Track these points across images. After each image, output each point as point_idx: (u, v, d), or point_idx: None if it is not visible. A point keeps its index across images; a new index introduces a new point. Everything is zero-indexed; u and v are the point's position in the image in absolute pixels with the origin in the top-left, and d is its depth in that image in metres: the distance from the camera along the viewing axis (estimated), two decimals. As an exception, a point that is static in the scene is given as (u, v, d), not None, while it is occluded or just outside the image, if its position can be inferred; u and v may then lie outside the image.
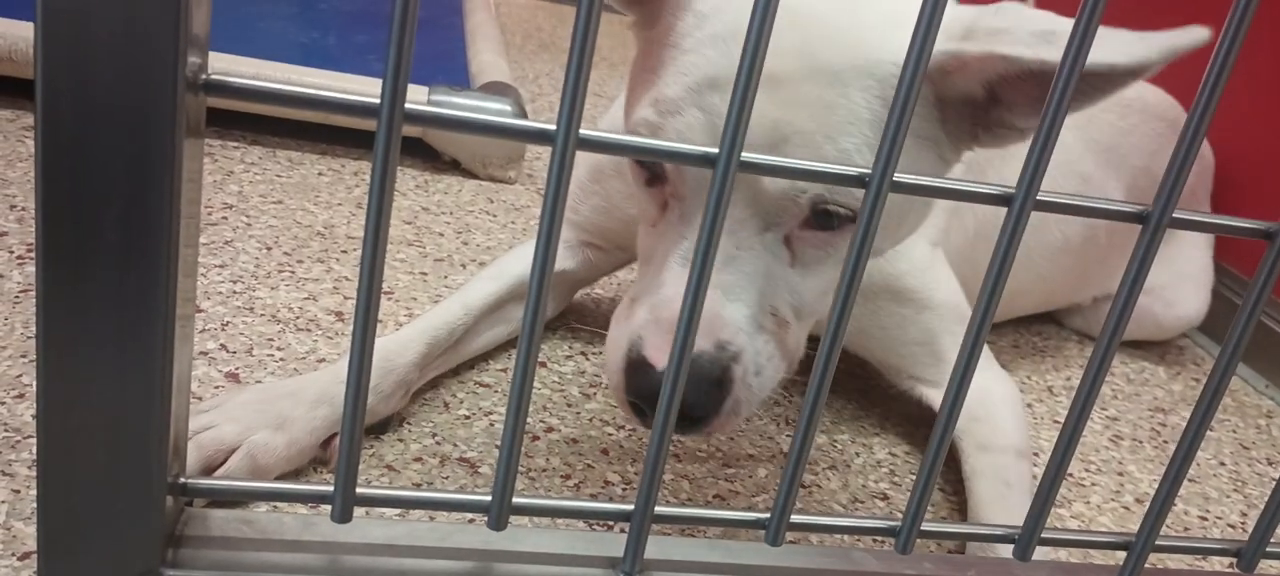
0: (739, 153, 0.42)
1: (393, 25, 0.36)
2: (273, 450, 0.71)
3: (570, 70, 0.39)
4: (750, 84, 0.40)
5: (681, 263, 0.61)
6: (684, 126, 0.59)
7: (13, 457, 0.67)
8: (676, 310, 0.58)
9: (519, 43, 2.21)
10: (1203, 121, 0.45)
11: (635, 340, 0.61)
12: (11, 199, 1.03)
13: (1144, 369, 1.29)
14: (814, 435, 0.48)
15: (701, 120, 0.59)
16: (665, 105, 0.60)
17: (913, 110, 0.42)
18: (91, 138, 0.37)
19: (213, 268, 0.99)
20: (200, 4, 0.37)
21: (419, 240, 1.17)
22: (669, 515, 0.51)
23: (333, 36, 1.64)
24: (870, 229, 0.44)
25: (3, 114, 1.24)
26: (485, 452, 0.80)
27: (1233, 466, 1.07)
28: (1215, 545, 0.60)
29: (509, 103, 1.37)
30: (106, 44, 0.35)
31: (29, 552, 0.60)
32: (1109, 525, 0.90)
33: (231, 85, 0.39)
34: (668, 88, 0.61)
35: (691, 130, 0.59)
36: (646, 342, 0.60)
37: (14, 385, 0.75)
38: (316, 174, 1.29)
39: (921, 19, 0.41)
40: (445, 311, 0.88)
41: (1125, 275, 0.48)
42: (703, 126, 0.59)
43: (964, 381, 0.49)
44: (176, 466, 0.46)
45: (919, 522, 0.52)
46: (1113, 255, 1.25)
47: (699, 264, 0.44)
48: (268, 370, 0.85)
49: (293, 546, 0.50)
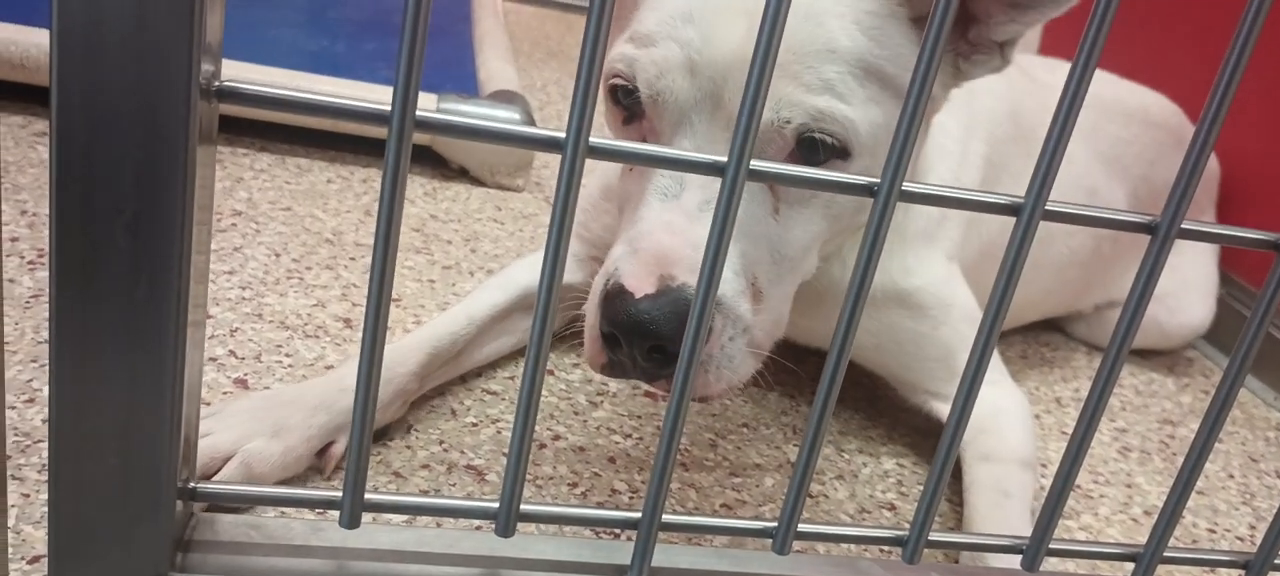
0: (748, 160, 0.42)
1: (403, 33, 0.37)
2: (268, 458, 0.71)
3: (579, 78, 0.39)
4: (761, 88, 0.41)
5: (660, 197, 0.61)
6: (660, 56, 0.61)
7: (23, 462, 0.68)
8: (657, 241, 0.59)
9: (527, 50, 2.22)
10: (1212, 131, 0.45)
11: (612, 271, 0.60)
12: (23, 204, 1.04)
13: (1152, 380, 1.29)
14: (821, 445, 0.48)
15: (677, 51, 0.61)
16: (641, 38, 0.62)
17: (923, 113, 0.42)
18: (105, 144, 0.37)
19: (222, 274, 1.00)
20: (213, 11, 0.38)
21: (427, 248, 1.17)
22: (676, 523, 0.51)
23: (342, 44, 1.64)
24: (878, 239, 0.44)
25: (14, 120, 1.25)
26: (492, 460, 0.80)
27: (1241, 479, 1.07)
28: (1223, 557, 0.60)
29: (517, 110, 1.37)
30: (120, 50, 0.36)
31: (39, 556, 0.60)
32: (1117, 537, 0.90)
33: (244, 92, 0.39)
34: (643, 22, 0.63)
35: (667, 61, 0.61)
36: (623, 271, 0.59)
37: (24, 389, 0.75)
38: (325, 181, 1.30)
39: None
40: (449, 321, 0.88)
41: (1134, 285, 0.48)
42: (678, 57, 0.61)
43: (971, 392, 0.49)
44: (186, 471, 0.46)
45: (926, 532, 0.52)
46: (1116, 263, 1.25)
47: (714, 247, 0.44)
48: (276, 376, 0.85)
49: (301, 551, 0.50)
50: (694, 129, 0.61)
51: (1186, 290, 1.31)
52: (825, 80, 0.60)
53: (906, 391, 0.94)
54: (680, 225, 0.60)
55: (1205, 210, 1.37)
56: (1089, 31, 0.42)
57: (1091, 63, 0.42)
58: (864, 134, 0.62)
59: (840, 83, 0.60)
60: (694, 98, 0.61)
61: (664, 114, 0.62)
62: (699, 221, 0.60)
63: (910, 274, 0.87)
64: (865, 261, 0.45)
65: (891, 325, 0.89)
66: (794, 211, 0.64)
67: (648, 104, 0.62)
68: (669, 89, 0.61)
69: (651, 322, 0.57)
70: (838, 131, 0.61)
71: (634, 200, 0.63)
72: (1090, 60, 0.42)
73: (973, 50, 0.66)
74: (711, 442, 0.90)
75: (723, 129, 0.61)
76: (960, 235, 0.92)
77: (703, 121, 0.61)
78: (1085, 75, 0.42)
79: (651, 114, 0.63)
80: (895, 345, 0.91)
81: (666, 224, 0.60)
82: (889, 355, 0.92)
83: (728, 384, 0.62)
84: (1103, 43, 0.42)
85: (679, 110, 0.61)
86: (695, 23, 0.61)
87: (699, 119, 0.61)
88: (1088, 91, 0.43)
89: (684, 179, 0.61)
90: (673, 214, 0.60)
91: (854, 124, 0.61)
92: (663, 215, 0.60)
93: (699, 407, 0.94)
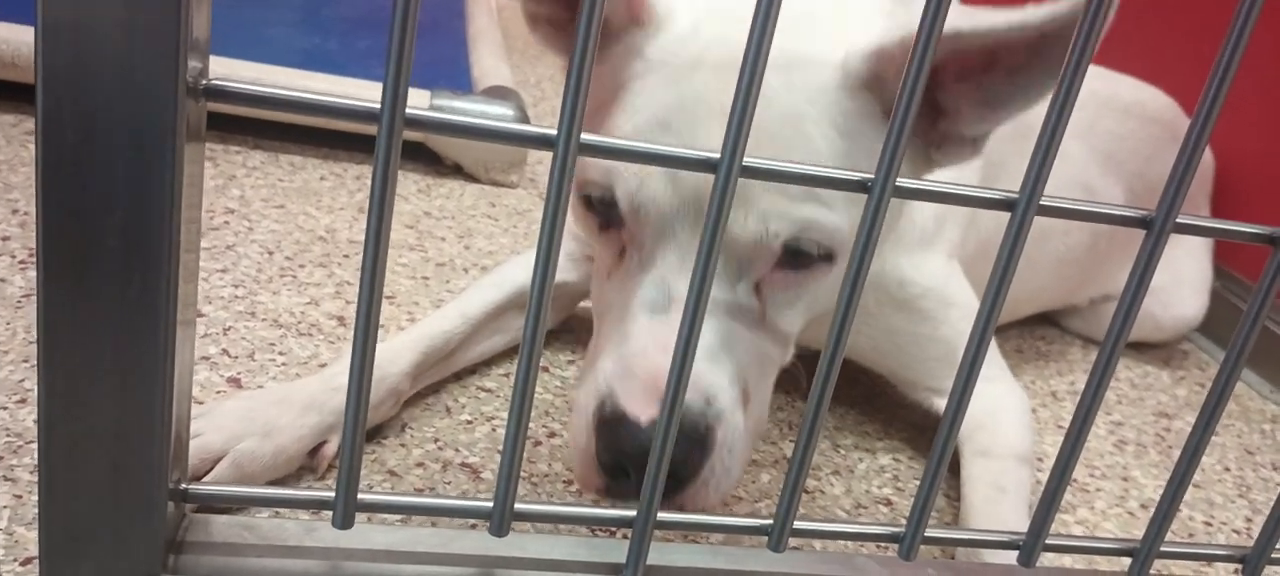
0: (741, 157, 0.42)
1: (393, 30, 0.36)
2: (259, 458, 0.70)
3: (572, 75, 0.39)
4: (750, 95, 0.40)
5: (648, 312, 0.59)
6: (640, 168, 0.58)
7: (15, 462, 0.67)
8: (652, 362, 0.56)
9: (521, 47, 2.21)
10: (1206, 126, 0.45)
11: (607, 394, 0.57)
12: (14, 203, 1.03)
13: (1148, 374, 1.29)
14: (817, 441, 0.48)
15: None
16: None
17: (912, 118, 0.42)
18: (92, 143, 0.37)
19: (214, 272, 0.99)
20: (201, 8, 0.37)
21: (421, 244, 1.17)
22: (671, 521, 0.50)
23: (334, 41, 1.64)
24: (872, 237, 0.44)
25: (5, 118, 1.24)
26: (487, 458, 0.80)
27: (1238, 472, 1.07)
28: (1220, 551, 0.60)
29: (511, 107, 1.37)
30: (107, 49, 0.35)
31: (31, 558, 0.60)
32: (1113, 531, 0.90)
33: (232, 90, 0.39)
34: (618, 129, 0.61)
35: (648, 171, 0.58)
36: (620, 395, 0.56)
37: (16, 390, 0.75)
38: (318, 178, 1.29)
39: (923, 27, 0.40)
40: (443, 320, 0.87)
41: (1129, 279, 0.48)
42: (659, 168, 0.58)
43: (967, 387, 0.49)
44: (178, 472, 0.46)
45: (922, 528, 0.52)
46: (1111, 259, 1.25)
47: (696, 289, 0.44)
48: (269, 375, 0.85)
49: (294, 552, 0.49)
50: (678, 239, 0.59)
51: (1180, 285, 1.31)
52: (808, 188, 0.58)
53: (907, 388, 0.94)
54: (674, 343, 0.58)
55: (1200, 205, 1.37)
56: (1082, 26, 0.42)
57: (1085, 58, 0.42)
58: (849, 237, 0.61)
59: (823, 189, 0.59)
60: (676, 207, 0.59)
61: (646, 224, 0.60)
62: (693, 337, 0.59)
63: (908, 280, 0.86)
64: (859, 257, 0.44)
65: (891, 328, 0.89)
66: (779, 313, 0.63)
67: (628, 215, 0.60)
68: (651, 200, 0.58)
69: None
70: (824, 238, 0.60)
71: (617, 311, 0.61)
72: (1084, 55, 0.42)
73: (944, 141, 0.64)
74: (707, 439, 0.90)
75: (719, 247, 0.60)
76: (959, 235, 0.92)
77: (686, 231, 0.59)
78: (1079, 70, 0.42)
79: (632, 224, 0.61)
80: (896, 347, 0.91)
81: (660, 343, 0.57)
82: (889, 356, 0.92)
83: (722, 495, 0.60)
84: (1098, 38, 0.42)
85: (661, 221, 0.59)
86: (673, 131, 0.59)
87: (682, 228, 0.59)
88: (1083, 87, 0.43)
89: (670, 291, 0.59)
90: (664, 331, 0.57)
91: (840, 229, 0.60)
92: (654, 331, 0.58)
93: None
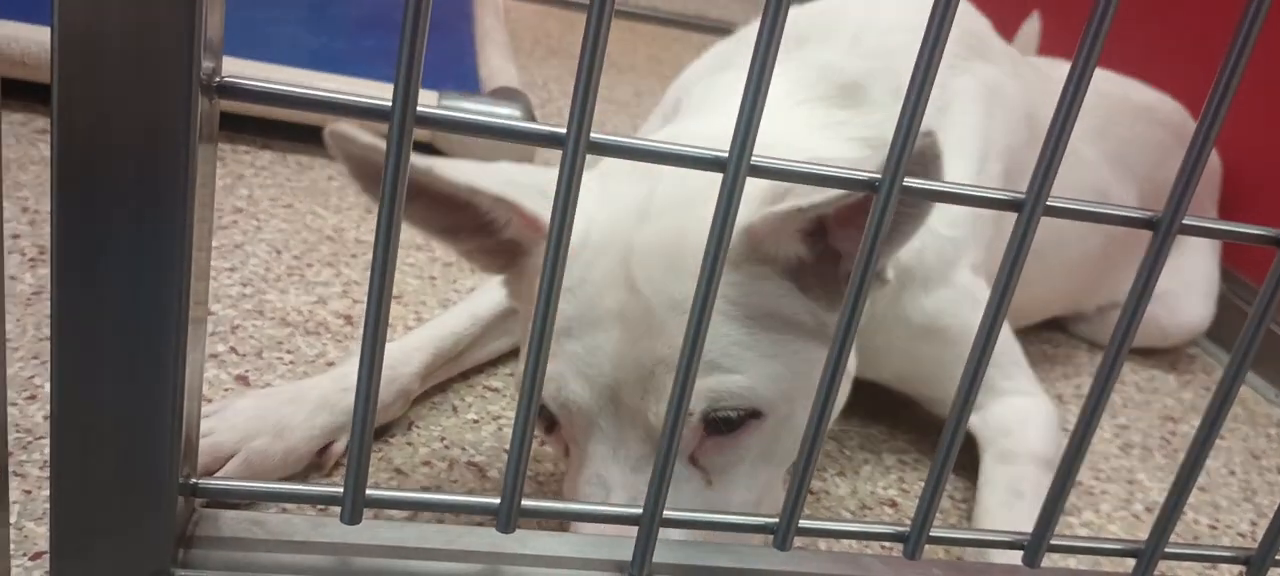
0: (749, 157, 0.42)
1: (404, 29, 0.37)
2: (270, 458, 0.71)
3: (580, 75, 0.39)
4: (756, 99, 0.41)
5: (595, 485, 0.61)
6: (555, 372, 0.61)
7: (25, 458, 0.68)
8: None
9: (528, 48, 2.22)
10: (1212, 128, 0.45)
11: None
12: (24, 201, 1.04)
13: (1154, 377, 1.29)
14: (822, 441, 0.48)
15: (569, 366, 0.61)
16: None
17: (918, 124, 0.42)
18: (106, 141, 0.37)
19: (222, 271, 1.00)
20: (214, 8, 0.38)
21: (428, 244, 1.17)
22: (677, 519, 0.51)
23: (342, 41, 1.64)
24: (876, 243, 0.44)
25: (15, 117, 1.25)
26: (494, 456, 0.81)
27: (1243, 475, 1.07)
28: (1225, 553, 0.60)
29: (519, 108, 1.37)
30: (121, 48, 0.36)
31: (41, 552, 0.60)
32: (1118, 533, 0.90)
33: (245, 88, 0.39)
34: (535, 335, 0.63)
35: (562, 376, 0.61)
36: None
37: (26, 386, 0.75)
38: (326, 178, 1.30)
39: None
40: (453, 321, 0.87)
41: (1135, 281, 0.48)
42: (572, 370, 0.61)
43: (972, 388, 0.49)
44: (188, 467, 0.46)
45: (928, 528, 0.52)
46: (1120, 265, 1.25)
47: (699, 306, 0.44)
48: (277, 373, 0.85)
49: (302, 547, 0.50)
50: (603, 431, 0.62)
51: (1187, 291, 1.31)
52: (710, 361, 0.59)
53: (937, 409, 0.93)
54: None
55: (1207, 208, 1.37)
56: (1089, 29, 0.42)
57: (1092, 61, 0.42)
58: (768, 392, 0.61)
59: (725, 358, 0.60)
60: (597, 404, 0.61)
61: (574, 421, 0.63)
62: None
63: (930, 311, 0.85)
64: (866, 257, 0.45)
65: (917, 356, 0.88)
66: (728, 477, 0.64)
67: (560, 416, 0.63)
68: (571, 399, 0.62)
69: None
70: (740, 403, 0.61)
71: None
72: (1090, 58, 0.42)
73: (848, 279, 0.64)
74: (713, 439, 0.90)
75: (630, 426, 0.61)
76: (983, 252, 0.90)
77: (609, 422, 0.62)
78: (1085, 73, 0.42)
79: (564, 422, 0.64)
80: (924, 374, 0.90)
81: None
82: (919, 383, 0.92)
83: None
84: (1103, 40, 0.42)
85: (586, 417, 0.62)
86: (573, 336, 0.61)
87: (605, 421, 0.62)
88: (1094, 89, 0.43)
89: (608, 484, 0.61)
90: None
91: (754, 390, 0.61)
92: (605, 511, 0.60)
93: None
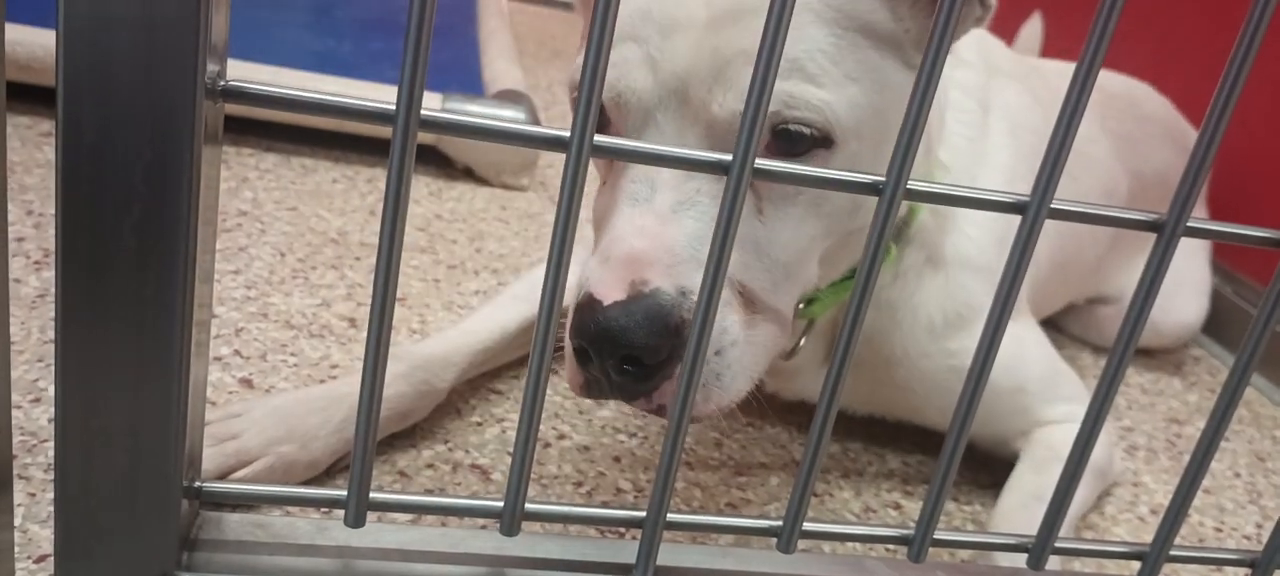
0: (753, 158, 0.42)
1: (408, 33, 0.37)
2: (294, 466, 0.71)
3: (584, 77, 0.39)
4: (767, 83, 0.41)
5: (630, 203, 0.57)
6: (618, 57, 0.58)
7: (29, 461, 0.68)
8: (627, 246, 0.55)
9: (532, 50, 2.22)
10: (1218, 129, 0.45)
11: (583, 281, 0.56)
12: (29, 204, 1.04)
13: (1159, 379, 1.28)
14: (826, 443, 0.48)
15: (635, 50, 0.58)
16: None
17: (932, 94, 0.42)
18: (111, 144, 0.37)
19: (227, 274, 1.00)
20: (219, 11, 0.38)
21: (432, 247, 1.18)
22: (681, 522, 0.51)
23: (348, 44, 1.64)
24: (882, 239, 0.44)
25: (21, 120, 1.25)
26: (497, 459, 0.81)
27: (1248, 477, 1.06)
28: (1230, 556, 0.60)
29: (522, 110, 1.37)
30: (127, 51, 0.36)
31: (45, 555, 0.60)
32: (1124, 536, 0.90)
33: (249, 91, 0.39)
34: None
35: (626, 60, 0.58)
36: (593, 281, 0.55)
37: (30, 389, 0.75)
38: (330, 181, 1.30)
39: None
40: (485, 334, 0.87)
41: (1140, 283, 0.48)
42: (637, 55, 0.58)
43: (977, 390, 0.49)
44: (192, 471, 0.46)
45: (932, 531, 0.52)
46: (1108, 259, 1.24)
47: (723, 229, 0.44)
48: (281, 376, 0.85)
49: (306, 550, 0.50)
50: (660, 128, 0.58)
51: (1180, 290, 1.30)
52: (792, 60, 0.56)
53: (991, 447, 0.90)
54: (652, 228, 0.56)
55: (1197, 206, 1.36)
56: (1094, 33, 0.42)
57: (1096, 64, 0.42)
58: (845, 117, 0.58)
59: (810, 62, 0.56)
60: (658, 95, 0.58)
61: (628, 115, 0.59)
62: (672, 223, 0.56)
63: (966, 336, 0.82)
64: (870, 260, 0.45)
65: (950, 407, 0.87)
66: (780, 210, 0.60)
67: (611, 108, 0.59)
68: (630, 88, 0.58)
69: (621, 332, 0.53)
70: (814, 118, 0.57)
71: (608, 212, 0.60)
72: (1094, 61, 0.42)
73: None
74: (716, 441, 0.90)
75: (691, 124, 0.57)
76: (1029, 291, 0.89)
77: (669, 120, 0.58)
78: (1090, 76, 0.42)
79: (615, 117, 0.59)
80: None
81: (638, 228, 0.56)
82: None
83: (717, 404, 0.57)
84: (1106, 45, 0.42)
85: (643, 110, 0.58)
86: (653, 19, 0.57)
87: (665, 117, 0.58)
88: (1098, 88, 0.43)
89: (655, 182, 0.57)
90: (644, 217, 0.56)
91: (831, 106, 0.57)
92: (634, 220, 0.56)
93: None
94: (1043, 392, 0.87)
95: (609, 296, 0.54)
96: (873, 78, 0.60)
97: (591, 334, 0.53)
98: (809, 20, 0.57)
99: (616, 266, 0.55)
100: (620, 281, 0.54)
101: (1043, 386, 0.87)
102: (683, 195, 0.56)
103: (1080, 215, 0.48)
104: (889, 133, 0.60)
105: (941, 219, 0.81)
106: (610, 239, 0.57)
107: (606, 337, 0.53)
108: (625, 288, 0.54)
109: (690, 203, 0.56)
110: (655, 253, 0.55)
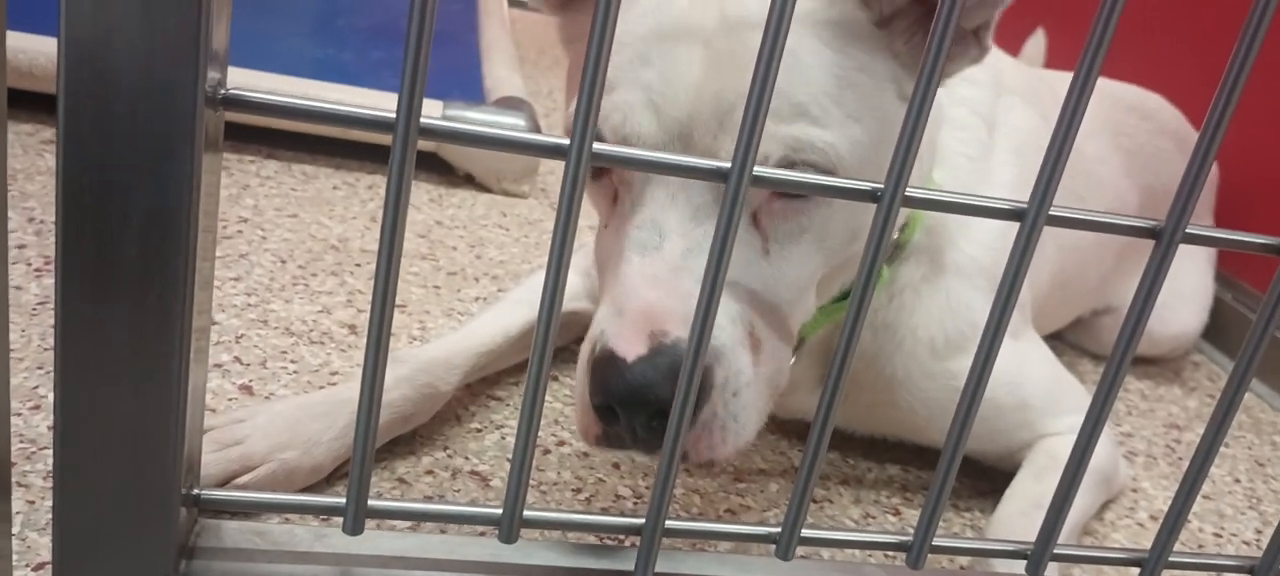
0: (752, 166, 0.42)
1: (408, 40, 0.37)
2: (298, 472, 0.71)
3: (584, 85, 0.39)
4: (762, 106, 0.41)
5: (639, 251, 0.57)
6: (621, 101, 0.58)
7: (28, 468, 0.68)
8: (642, 298, 0.54)
9: (533, 58, 2.22)
10: (1216, 136, 0.45)
11: (598, 336, 0.55)
12: (30, 211, 1.04)
13: (1158, 385, 1.28)
14: (825, 450, 0.48)
15: (638, 95, 0.58)
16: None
17: (927, 112, 0.42)
18: (112, 151, 0.37)
19: (227, 280, 1.00)
20: (220, 20, 0.38)
21: (432, 254, 1.18)
22: (680, 529, 0.51)
23: (349, 52, 1.65)
24: (882, 244, 0.44)
25: (22, 128, 1.25)
26: (496, 466, 0.81)
27: (1248, 483, 1.06)
28: (1229, 562, 0.60)
29: (523, 117, 1.38)
30: (127, 59, 0.36)
31: (43, 563, 0.60)
32: (1123, 542, 0.90)
33: (250, 100, 0.39)
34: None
35: (630, 104, 0.58)
36: (610, 335, 0.54)
37: (30, 396, 0.75)
38: (331, 188, 1.30)
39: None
40: (488, 337, 0.87)
41: (1138, 290, 0.48)
42: (640, 100, 0.58)
43: (976, 394, 0.49)
44: (190, 478, 0.46)
45: (931, 537, 0.52)
46: (1115, 270, 1.24)
47: (715, 267, 0.44)
48: (281, 383, 0.85)
49: (305, 558, 0.50)
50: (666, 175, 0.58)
51: (1179, 300, 1.30)
52: (797, 105, 0.56)
53: (991, 462, 0.90)
54: (665, 277, 0.55)
55: (1203, 216, 1.37)
56: (1092, 41, 0.42)
57: (1093, 72, 0.42)
58: (848, 156, 0.59)
59: (813, 105, 0.57)
60: (662, 140, 0.58)
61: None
62: (684, 272, 0.55)
63: (963, 355, 0.82)
64: (868, 268, 0.45)
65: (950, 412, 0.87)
66: (785, 250, 0.61)
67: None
68: (635, 134, 0.58)
69: (649, 387, 0.52)
70: (819, 159, 0.58)
71: (613, 259, 0.59)
72: (1092, 70, 0.42)
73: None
74: (716, 448, 0.90)
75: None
76: (1027, 294, 0.88)
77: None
78: (1088, 84, 0.42)
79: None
80: (977, 433, 0.88)
81: (650, 277, 0.55)
82: (973, 441, 0.90)
83: (735, 446, 0.57)
84: (1104, 53, 0.42)
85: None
86: (653, 64, 0.58)
87: None
88: (1105, 94, 0.43)
89: (662, 228, 0.57)
90: (655, 266, 0.56)
91: (835, 148, 0.58)
92: (645, 269, 0.56)
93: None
94: (1047, 407, 0.87)
95: (630, 352, 0.53)
96: (873, 114, 0.60)
97: (620, 394, 0.53)
98: (811, 63, 0.58)
99: (634, 320, 0.54)
100: (639, 335, 0.54)
101: (1046, 400, 0.87)
102: (692, 242, 0.56)
103: (1079, 222, 0.48)
104: (887, 164, 0.61)
105: (936, 237, 0.81)
106: (621, 290, 0.56)
107: (635, 396, 0.52)
108: (645, 342, 0.53)
109: (700, 248, 0.56)
110: (671, 302, 0.54)
